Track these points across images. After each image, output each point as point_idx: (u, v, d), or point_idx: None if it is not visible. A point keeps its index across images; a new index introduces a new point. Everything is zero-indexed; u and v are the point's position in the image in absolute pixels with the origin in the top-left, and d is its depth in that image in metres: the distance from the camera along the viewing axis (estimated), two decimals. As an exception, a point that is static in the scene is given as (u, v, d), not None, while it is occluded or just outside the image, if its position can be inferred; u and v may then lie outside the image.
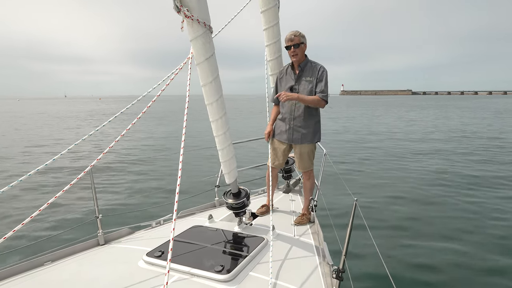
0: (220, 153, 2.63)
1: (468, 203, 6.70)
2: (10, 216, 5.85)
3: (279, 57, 3.44)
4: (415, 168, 9.74)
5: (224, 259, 2.28)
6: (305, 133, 3.21)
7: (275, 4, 3.17)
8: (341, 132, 18.86)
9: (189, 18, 2.00)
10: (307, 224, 3.19)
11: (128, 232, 2.94)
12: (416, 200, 6.91)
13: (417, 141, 15.48)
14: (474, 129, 19.90)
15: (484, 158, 11.19)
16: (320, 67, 3.14)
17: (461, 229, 5.40)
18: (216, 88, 2.33)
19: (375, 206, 6.44)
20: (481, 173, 9.14)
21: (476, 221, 5.72)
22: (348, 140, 15.64)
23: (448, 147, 13.60)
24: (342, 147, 13.62)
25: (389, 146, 13.98)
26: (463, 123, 24.34)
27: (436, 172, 9.29)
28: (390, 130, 20.14)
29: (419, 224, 5.67)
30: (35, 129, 21.58)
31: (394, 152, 12.51)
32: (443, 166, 9.99)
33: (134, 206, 6.07)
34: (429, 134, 18.02)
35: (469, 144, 14.33)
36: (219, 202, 3.73)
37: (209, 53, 2.20)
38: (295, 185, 4.34)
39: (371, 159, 11.18)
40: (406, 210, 6.29)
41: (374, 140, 15.58)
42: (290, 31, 3.11)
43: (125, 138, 14.85)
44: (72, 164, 10.30)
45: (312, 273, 2.29)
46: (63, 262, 2.40)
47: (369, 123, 25.32)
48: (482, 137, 16.53)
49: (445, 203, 6.74)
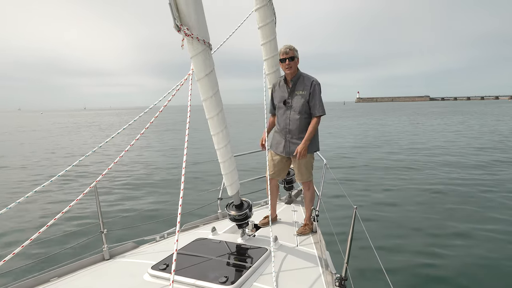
0: (222, 166, 2.68)
1: (476, 206, 6.70)
2: (16, 232, 5.90)
3: (277, 70, 3.53)
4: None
5: (228, 271, 2.30)
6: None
7: (272, 20, 3.26)
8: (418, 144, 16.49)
9: (189, 37, 2.08)
10: (310, 234, 3.21)
11: (133, 247, 2.97)
12: (417, 206, 6.92)
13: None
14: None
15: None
16: (313, 81, 3.21)
17: (465, 237, 5.39)
18: (217, 102, 2.40)
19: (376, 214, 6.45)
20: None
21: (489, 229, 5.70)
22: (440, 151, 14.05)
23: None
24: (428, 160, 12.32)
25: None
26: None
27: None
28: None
29: (420, 230, 5.67)
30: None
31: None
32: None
33: (139, 220, 6.10)
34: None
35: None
36: (222, 214, 3.75)
37: (209, 69, 2.27)
38: (297, 195, 4.36)
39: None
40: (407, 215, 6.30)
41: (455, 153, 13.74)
42: (283, 45, 3.20)
43: (131, 151, 14.91)
44: (78, 176, 10.39)
45: (316, 282, 2.30)
46: (69, 277, 2.43)
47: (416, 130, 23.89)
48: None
49: (448, 207, 6.74)
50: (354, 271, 2.87)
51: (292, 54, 3.14)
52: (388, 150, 15.25)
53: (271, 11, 3.23)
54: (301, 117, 3.21)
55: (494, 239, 5.29)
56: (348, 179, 9.52)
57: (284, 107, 3.26)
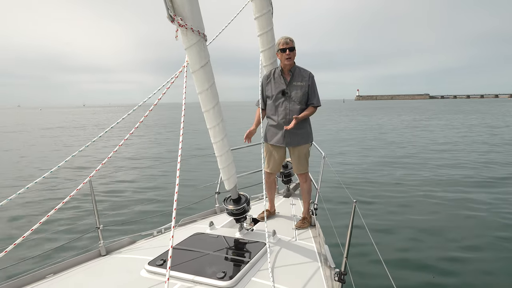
0: (219, 160, 2.64)
1: (471, 202, 6.70)
2: (10, 230, 5.84)
3: (274, 62, 3.47)
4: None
5: (226, 266, 2.28)
6: (301, 135, 3.28)
7: (268, 10, 3.20)
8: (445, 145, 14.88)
9: (183, 27, 2.02)
10: (308, 228, 3.19)
11: (129, 242, 2.94)
12: (417, 203, 6.91)
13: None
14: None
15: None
16: (310, 73, 3.27)
17: (465, 235, 5.37)
18: (213, 95, 2.35)
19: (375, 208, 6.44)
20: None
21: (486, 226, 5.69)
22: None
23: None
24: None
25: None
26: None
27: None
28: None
29: (420, 225, 5.67)
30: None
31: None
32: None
33: (135, 215, 6.06)
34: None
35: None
36: (219, 208, 3.73)
37: (204, 61, 2.22)
38: (295, 189, 4.34)
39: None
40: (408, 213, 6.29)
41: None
42: (282, 36, 3.17)
43: (126, 147, 14.82)
44: (73, 172, 10.30)
45: (314, 276, 2.28)
46: (65, 274, 2.39)
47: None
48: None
49: (446, 204, 6.74)
50: (354, 265, 2.85)
51: (292, 44, 3.15)
52: (393, 145, 15.22)
53: (267, 1, 3.17)
54: (301, 107, 3.22)
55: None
56: (347, 172, 9.52)
57: (282, 97, 3.23)
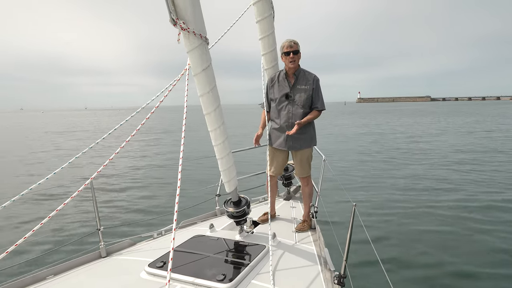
0: (220, 162, 2.65)
1: (466, 211, 6.69)
2: (10, 230, 5.85)
3: (276, 65, 3.48)
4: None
5: (226, 268, 2.28)
6: (304, 139, 3.26)
7: (269, 14, 3.22)
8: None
9: (185, 31, 2.04)
10: (308, 231, 3.19)
11: (129, 244, 2.94)
12: (417, 206, 6.91)
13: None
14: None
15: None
16: (314, 76, 3.22)
17: (461, 238, 5.38)
18: (214, 98, 2.36)
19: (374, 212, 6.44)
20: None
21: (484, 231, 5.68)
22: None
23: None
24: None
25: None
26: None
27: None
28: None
29: (420, 229, 5.67)
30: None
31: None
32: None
33: (136, 217, 6.06)
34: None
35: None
36: (220, 211, 3.73)
37: (206, 64, 2.24)
38: (296, 192, 4.34)
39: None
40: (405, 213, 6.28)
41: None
42: (286, 39, 3.17)
43: (127, 150, 14.84)
44: (73, 175, 10.31)
45: (314, 280, 2.28)
46: (65, 275, 2.40)
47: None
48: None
49: (448, 209, 6.73)
50: (353, 268, 2.85)
51: (296, 47, 3.13)
52: (395, 147, 15.25)
53: (269, 5, 3.19)
54: (304, 111, 3.18)
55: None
56: (348, 175, 9.51)
57: (286, 101, 3.22)
